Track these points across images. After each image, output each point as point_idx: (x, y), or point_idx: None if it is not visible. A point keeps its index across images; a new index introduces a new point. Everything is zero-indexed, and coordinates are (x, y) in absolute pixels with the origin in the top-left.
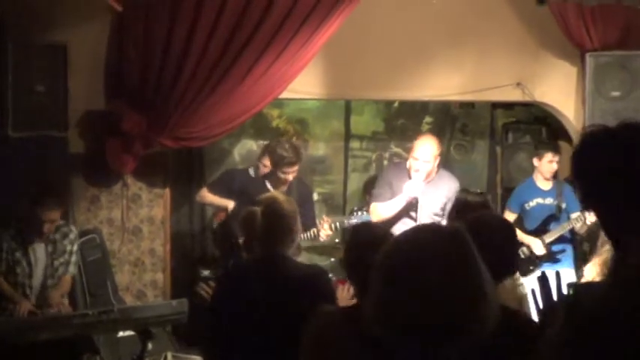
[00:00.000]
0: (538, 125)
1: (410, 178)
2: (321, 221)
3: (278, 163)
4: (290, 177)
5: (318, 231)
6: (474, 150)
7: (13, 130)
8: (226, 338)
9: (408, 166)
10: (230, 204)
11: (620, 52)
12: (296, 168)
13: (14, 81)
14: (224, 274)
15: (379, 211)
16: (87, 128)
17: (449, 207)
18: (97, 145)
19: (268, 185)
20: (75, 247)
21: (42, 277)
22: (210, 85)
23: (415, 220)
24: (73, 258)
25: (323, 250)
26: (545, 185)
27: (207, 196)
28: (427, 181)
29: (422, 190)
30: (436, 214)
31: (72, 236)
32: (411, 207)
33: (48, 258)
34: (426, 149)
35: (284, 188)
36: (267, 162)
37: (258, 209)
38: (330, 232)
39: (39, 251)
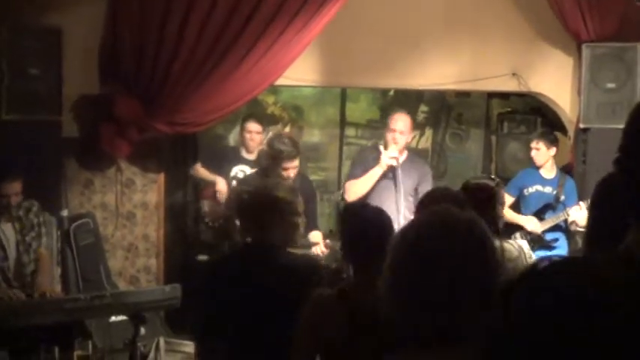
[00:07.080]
0: (533, 115)
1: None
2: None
3: (277, 158)
4: (290, 173)
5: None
6: (469, 139)
7: (7, 113)
8: (217, 326)
9: (381, 148)
10: (220, 181)
11: (616, 44)
12: (296, 163)
13: (8, 64)
14: (217, 261)
15: (356, 187)
16: (81, 112)
17: (421, 190)
18: (91, 130)
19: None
20: (41, 219)
21: (15, 255)
22: (205, 70)
23: (396, 190)
24: (43, 229)
25: None
26: (548, 174)
27: (200, 170)
28: (401, 156)
29: (399, 161)
30: (410, 195)
31: (35, 209)
32: (389, 177)
33: (18, 235)
34: (402, 121)
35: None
36: (250, 127)
37: (243, 190)
38: (324, 249)
39: (7, 231)
